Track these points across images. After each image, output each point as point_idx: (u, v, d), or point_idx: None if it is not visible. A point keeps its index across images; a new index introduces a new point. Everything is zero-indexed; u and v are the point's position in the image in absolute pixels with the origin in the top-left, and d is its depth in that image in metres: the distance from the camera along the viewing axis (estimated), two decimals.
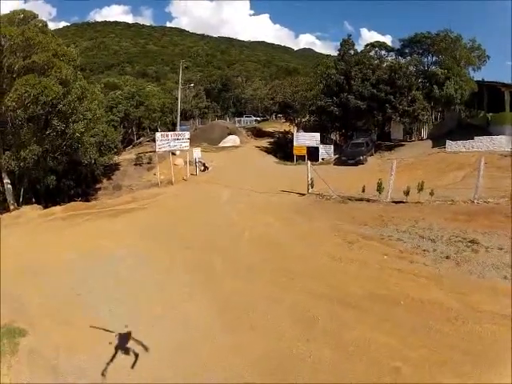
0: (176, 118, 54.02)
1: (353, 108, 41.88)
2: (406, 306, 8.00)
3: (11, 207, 23.78)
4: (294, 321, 7.85)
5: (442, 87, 40.30)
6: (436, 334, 6.96)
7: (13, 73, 22.81)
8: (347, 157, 34.98)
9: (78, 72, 27.97)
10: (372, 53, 48.52)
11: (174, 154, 34.08)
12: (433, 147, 37.09)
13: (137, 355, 6.89)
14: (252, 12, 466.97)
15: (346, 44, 46.20)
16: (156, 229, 16.11)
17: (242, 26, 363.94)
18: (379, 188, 16.48)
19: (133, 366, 6.64)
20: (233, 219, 16.85)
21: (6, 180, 24.25)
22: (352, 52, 45.94)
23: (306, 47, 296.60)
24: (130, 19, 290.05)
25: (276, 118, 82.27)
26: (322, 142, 41.27)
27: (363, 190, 17.70)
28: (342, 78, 43.21)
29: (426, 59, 47.66)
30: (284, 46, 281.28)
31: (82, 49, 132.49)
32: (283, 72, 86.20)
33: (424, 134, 50.61)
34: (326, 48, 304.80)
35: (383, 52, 49.74)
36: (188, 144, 31.19)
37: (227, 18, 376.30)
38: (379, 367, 6.24)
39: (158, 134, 30.24)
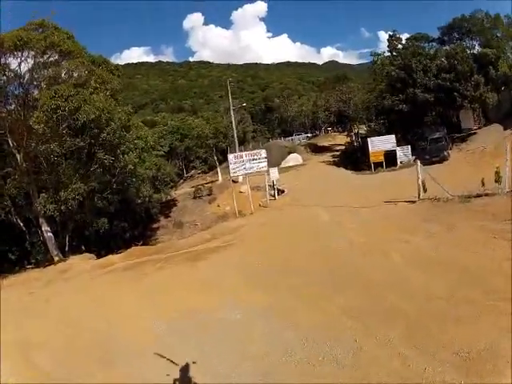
0: (232, 143, 50.21)
1: (421, 102, 39.00)
2: None
3: (55, 259, 20.15)
4: None
5: (495, 67, 37.87)
6: None
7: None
8: (430, 155, 31.84)
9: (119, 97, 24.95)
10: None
11: (234, 181, 31.27)
12: (505, 130, 34.29)
13: None
14: (270, 34, 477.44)
15: (394, 39, 44.58)
16: (260, 272, 11.71)
17: (263, 50, 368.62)
18: (498, 179, 15.10)
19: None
20: (356, 241, 13.11)
21: (46, 227, 20.76)
22: (401, 46, 44.01)
23: (330, 60, 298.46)
24: (152, 59, 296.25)
25: (325, 131, 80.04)
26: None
27: (483, 184, 15.60)
28: (403, 72, 40.45)
29: (469, 42, 44.29)
30: (309, 63, 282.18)
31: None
32: (331, 81, 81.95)
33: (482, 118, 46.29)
34: (350, 57, 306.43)
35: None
36: (266, 164, 26.87)
37: (247, 44, 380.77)
38: None
39: (230, 156, 26.29)
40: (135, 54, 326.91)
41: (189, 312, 9.10)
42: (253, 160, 25.76)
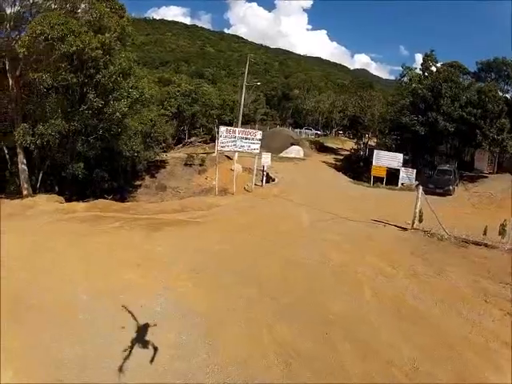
0: (236, 118, 49.02)
1: (440, 130, 37.40)
2: None
3: (24, 192, 20.13)
4: None
5: None
6: None
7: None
8: (435, 185, 30.33)
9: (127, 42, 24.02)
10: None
11: (229, 157, 30.81)
12: None
13: (156, 349, 6.30)
14: (310, 27, 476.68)
15: (429, 59, 42.87)
16: (215, 260, 11.02)
17: (298, 40, 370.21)
18: (502, 231, 13.85)
19: (151, 361, 6.07)
20: (332, 259, 11.60)
21: (21, 159, 20.34)
22: (434, 69, 42.49)
23: (362, 68, 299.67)
24: (187, 21, 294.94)
25: (336, 134, 79.08)
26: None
27: (485, 233, 14.10)
28: (430, 94, 38.77)
29: (505, 87, 43.58)
30: (340, 64, 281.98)
31: (138, 43, 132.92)
32: (355, 86, 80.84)
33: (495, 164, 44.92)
34: (381, 70, 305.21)
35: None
36: (259, 147, 25.56)
37: (285, 31, 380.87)
38: None
39: (222, 128, 24.63)
40: (171, 13, 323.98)
41: (114, 287, 8.57)
42: (245, 139, 24.63)
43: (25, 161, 20.39)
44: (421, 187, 16.91)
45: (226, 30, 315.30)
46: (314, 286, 9.39)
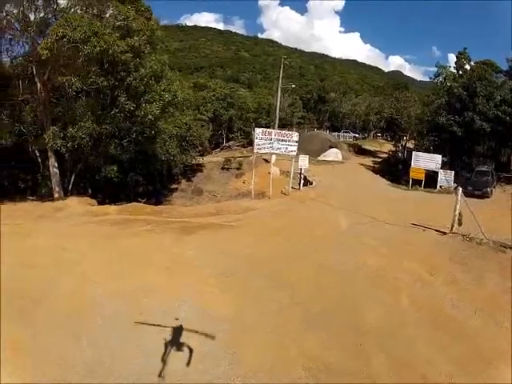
0: (272, 122, 48.86)
1: (476, 130, 36.47)
2: None
3: (55, 195, 20.37)
4: None
5: None
6: None
7: None
8: (474, 187, 28.99)
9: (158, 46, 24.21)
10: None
11: (266, 160, 30.64)
12: None
13: (191, 351, 6.21)
14: (342, 29, 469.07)
15: (462, 57, 42.55)
16: (246, 263, 10.66)
17: (332, 43, 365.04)
18: None
19: (188, 364, 5.97)
20: (368, 264, 11.16)
21: (53, 162, 20.55)
22: (468, 67, 41.99)
23: (396, 69, 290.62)
24: (221, 27, 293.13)
25: (374, 136, 78.72)
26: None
27: None
28: (465, 93, 37.91)
29: None
30: (375, 67, 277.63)
31: (172, 50, 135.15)
32: (390, 87, 79.68)
33: None
34: (415, 71, 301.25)
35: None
36: (296, 149, 24.85)
37: (318, 34, 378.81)
38: None
39: (258, 130, 24.28)
40: (204, 19, 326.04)
41: (135, 290, 8.29)
42: (282, 141, 23.98)
43: (56, 164, 20.54)
44: (460, 189, 16.29)
45: (259, 35, 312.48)
46: (347, 293, 9.02)
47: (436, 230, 15.57)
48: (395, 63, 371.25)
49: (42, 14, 19.37)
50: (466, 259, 12.25)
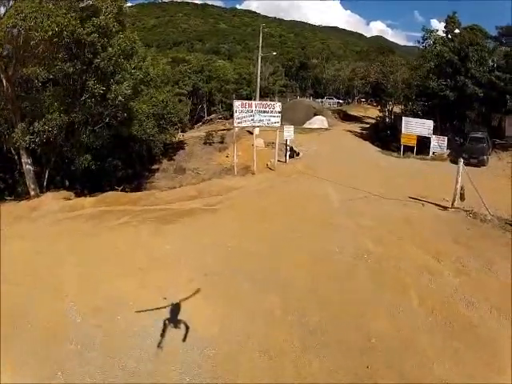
0: (254, 92, 47.80)
1: (469, 94, 35.65)
2: None
3: (31, 192, 19.45)
4: None
5: None
6: None
7: None
8: (469, 155, 27.67)
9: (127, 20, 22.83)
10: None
11: (250, 132, 28.64)
12: None
13: (188, 328, 6.58)
14: None
15: (452, 21, 40.66)
16: (231, 260, 9.93)
17: (312, 11, 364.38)
18: None
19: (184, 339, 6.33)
20: (369, 251, 10.46)
21: (25, 159, 19.72)
22: (458, 31, 40.26)
23: (378, 35, 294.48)
24: (198, 1, 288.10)
25: (358, 102, 77.44)
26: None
27: None
28: (456, 58, 37.05)
29: None
30: (356, 32, 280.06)
31: (149, 27, 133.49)
32: (374, 52, 78.59)
33: None
34: (398, 37, 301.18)
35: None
36: (279, 120, 23.64)
37: (297, 2, 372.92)
38: None
39: (236, 103, 22.84)
40: None
41: (111, 299, 7.93)
42: (264, 112, 22.71)
43: (29, 160, 19.81)
44: (462, 160, 15.55)
45: (238, 6, 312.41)
46: (347, 295, 8.30)
47: (436, 205, 15.01)
48: (377, 28, 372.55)
49: None
50: (472, 241, 11.69)
